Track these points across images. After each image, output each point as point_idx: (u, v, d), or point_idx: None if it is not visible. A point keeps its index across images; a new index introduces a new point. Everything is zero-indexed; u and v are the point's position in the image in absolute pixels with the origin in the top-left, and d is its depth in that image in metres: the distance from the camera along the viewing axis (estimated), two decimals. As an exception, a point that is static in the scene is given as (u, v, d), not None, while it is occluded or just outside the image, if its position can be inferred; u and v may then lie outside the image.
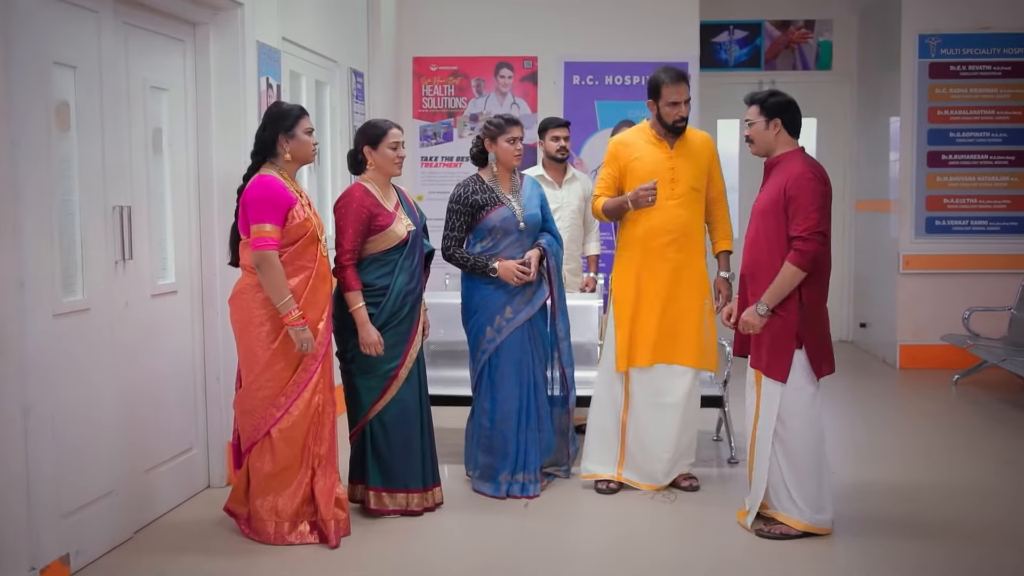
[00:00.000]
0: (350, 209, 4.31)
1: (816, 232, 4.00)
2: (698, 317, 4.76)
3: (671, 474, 4.84)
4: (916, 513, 4.59)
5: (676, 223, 4.75)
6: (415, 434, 4.48)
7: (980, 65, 8.00)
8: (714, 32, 9.17)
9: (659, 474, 4.82)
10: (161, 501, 4.45)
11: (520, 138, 4.81)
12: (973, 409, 6.79)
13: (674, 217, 4.75)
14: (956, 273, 8.02)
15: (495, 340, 4.76)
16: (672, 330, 4.75)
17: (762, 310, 4.09)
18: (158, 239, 4.48)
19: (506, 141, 4.78)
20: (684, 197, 4.77)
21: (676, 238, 4.75)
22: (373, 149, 4.41)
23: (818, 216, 4.01)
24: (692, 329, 4.75)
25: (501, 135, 4.78)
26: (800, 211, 4.02)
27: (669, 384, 4.77)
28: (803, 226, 4.01)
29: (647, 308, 4.76)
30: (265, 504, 4.08)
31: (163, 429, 4.47)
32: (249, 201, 3.95)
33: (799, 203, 4.02)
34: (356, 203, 4.32)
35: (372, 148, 4.41)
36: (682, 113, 4.78)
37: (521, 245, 4.80)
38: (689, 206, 4.79)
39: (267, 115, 4.11)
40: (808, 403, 4.13)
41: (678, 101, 4.74)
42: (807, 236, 4.00)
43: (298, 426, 4.04)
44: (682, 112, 4.77)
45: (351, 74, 6.69)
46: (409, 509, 4.46)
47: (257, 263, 3.91)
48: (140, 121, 4.31)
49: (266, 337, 3.98)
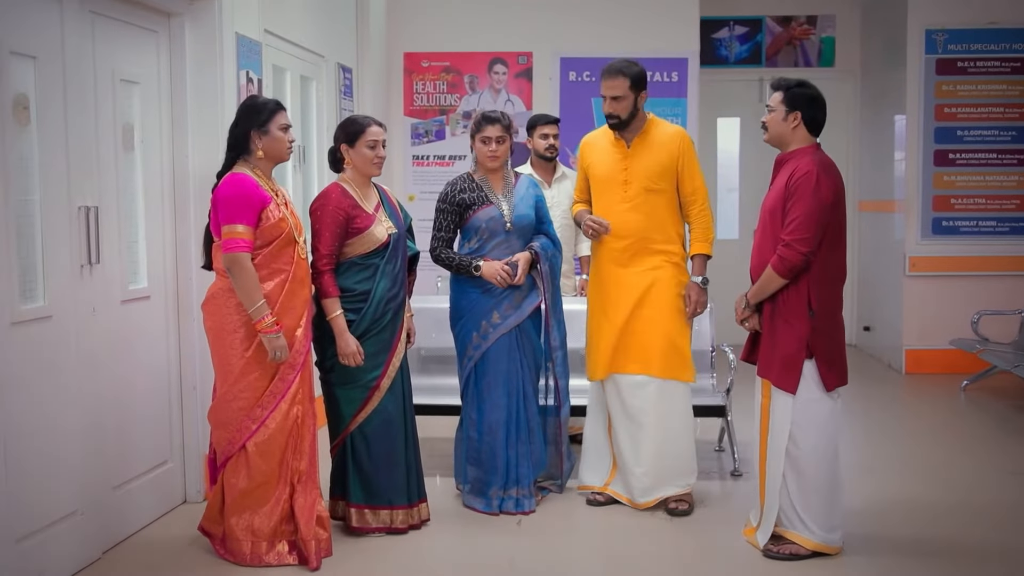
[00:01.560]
0: (326, 211, 4.08)
1: (800, 239, 3.77)
2: (664, 325, 4.45)
3: (650, 493, 4.51)
4: (930, 530, 4.36)
5: (629, 228, 4.48)
6: (399, 447, 4.24)
7: (988, 61, 7.78)
8: (714, 28, 8.96)
9: (635, 491, 4.54)
10: (133, 519, 4.21)
11: (495, 138, 4.52)
12: (984, 417, 6.55)
13: (627, 222, 4.48)
14: (964, 275, 7.80)
15: (481, 347, 4.53)
16: (635, 339, 4.46)
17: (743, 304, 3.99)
18: (129, 241, 4.24)
19: (480, 141, 4.54)
20: (637, 200, 4.47)
21: (631, 243, 4.48)
22: (350, 147, 4.18)
23: (808, 223, 3.77)
24: (656, 338, 4.44)
25: (477, 133, 4.55)
26: (793, 212, 3.80)
27: (632, 395, 4.49)
28: (790, 230, 3.80)
29: (611, 317, 4.52)
30: (241, 522, 3.83)
31: (135, 442, 4.23)
32: (220, 200, 3.71)
33: (795, 203, 3.80)
34: (332, 204, 4.09)
35: (349, 146, 4.18)
36: (609, 109, 4.44)
37: (509, 247, 4.55)
38: (643, 209, 4.47)
39: (241, 109, 3.88)
40: (825, 417, 3.89)
41: (606, 96, 4.45)
42: (791, 243, 3.78)
43: (275, 439, 3.80)
44: (610, 108, 4.44)
45: (339, 69, 6.46)
46: (394, 527, 4.22)
47: (228, 266, 3.68)
48: (109, 116, 4.07)
49: (240, 344, 3.75)
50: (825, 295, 3.85)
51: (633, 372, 4.48)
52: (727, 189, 9.26)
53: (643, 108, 4.52)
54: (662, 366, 4.45)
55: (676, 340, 4.46)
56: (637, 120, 4.51)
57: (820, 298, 3.84)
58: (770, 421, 3.94)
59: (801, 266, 3.79)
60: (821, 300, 3.84)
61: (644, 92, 4.47)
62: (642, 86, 4.46)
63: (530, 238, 4.61)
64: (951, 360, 7.63)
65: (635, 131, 4.52)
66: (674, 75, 7.56)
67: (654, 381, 4.46)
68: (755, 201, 9.01)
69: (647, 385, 4.47)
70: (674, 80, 7.57)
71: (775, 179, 4.00)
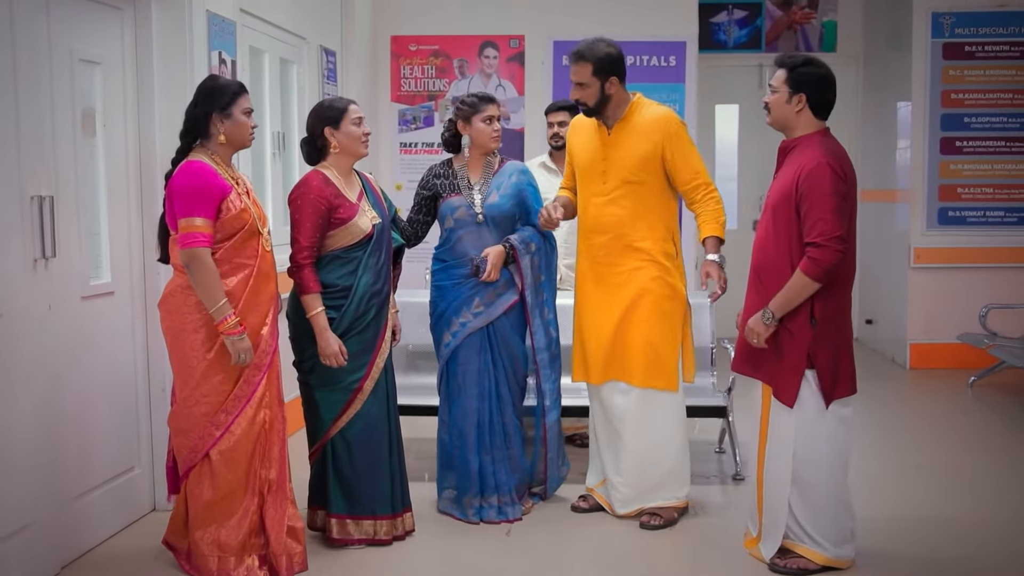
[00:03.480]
0: (307, 200, 3.80)
1: (833, 238, 3.44)
2: (645, 332, 4.11)
3: (630, 504, 4.22)
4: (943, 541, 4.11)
5: (608, 222, 4.15)
6: (383, 453, 3.97)
7: (997, 45, 7.50)
8: (712, 11, 8.68)
9: (615, 500, 4.26)
10: (95, 531, 3.94)
11: (497, 117, 4.29)
12: (994, 416, 6.29)
13: (605, 216, 4.15)
14: (971, 267, 7.55)
15: (451, 344, 4.26)
16: (614, 347, 4.16)
17: (767, 319, 3.56)
18: (90, 233, 3.96)
19: (482, 121, 4.26)
20: (615, 193, 4.13)
21: (611, 239, 4.15)
22: (335, 129, 3.90)
23: (835, 218, 3.44)
24: (637, 345, 4.12)
25: (476, 114, 4.26)
26: (814, 211, 3.45)
27: (611, 402, 4.20)
28: (818, 230, 3.45)
29: (589, 320, 4.23)
30: (206, 536, 3.55)
31: (96, 448, 3.95)
32: (175, 191, 3.43)
33: (813, 201, 3.45)
34: (314, 193, 3.81)
35: (334, 128, 3.90)
36: (574, 96, 4.12)
37: (482, 239, 4.27)
38: (622, 203, 4.12)
39: (200, 90, 3.57)
40: (831, 429, 3.60)
41: (572, 81, 4.13)
42: (824, 243, 3.44)
43: (241, 446, 3.52)
44: (574, 94, 4.12)
45: (322, 52, 6.17)
46: (377, 538, 3.96)
47: (186, 263, 3.40)
48: (66, 99, 3.78)
49: (201, 345, 3.46)
50: (830, 301, 3.55)
51: (613, 379, 4.19)
52: (726, 179, 8.99)
53: (619, 92, 4.12)
54: (643, 375, 4.13)
55: (659, 348, 4.13)
56: (613, 106, 4.13)
57: (824, 304, 3.53)
58: (769, 430, 3.67)
59: (839, 265, 3.48)
60: (825, 306, 3.54)
61: (614, 77, 4.08)
62: (611, 71, 4.06)
63: (510, 230, 4.32)
64: (958, 355, 7.38)
65: (615, 116, 4.16)
66: (672, 59, 7.28)
67: (634, 390, 4.16)
68: (755, 191, 8.88)
69: (628, 393, 4.17)
70: (671, 65, 7.29)
71: (780, 169, 3.70)
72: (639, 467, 4.20)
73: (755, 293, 3.69)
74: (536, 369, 4.35)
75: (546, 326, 4.35)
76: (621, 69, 4.12)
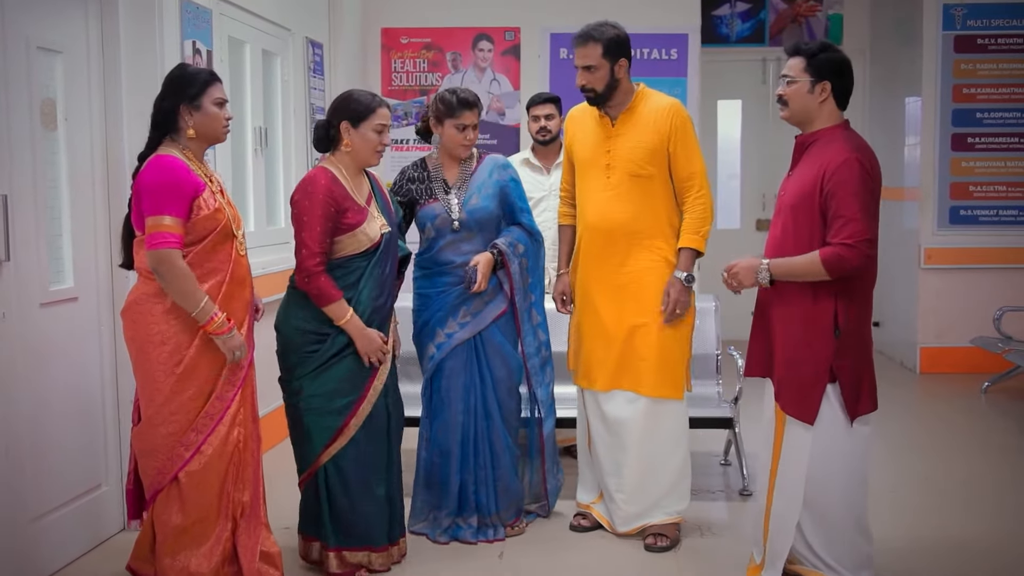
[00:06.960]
0: (316, 201, 3.46)
1: (863, 240, 3.16)
2: (660, 335, 3.86)
3: (632, 522, 3.97)
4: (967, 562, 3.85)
5: (613, 219, 3.90)
6: (379, 481, 3.66)
7: (1011, 38, 7.22)
8: (714, 4, 8.40)
9: (616, 518, 4.01)
10: (56, 554, 3.66)
11: (472, 126, 3.96)
12: (1012, 423, 6.02)
13: (610, 212, 3.90)
14: (984, 268, 7.28)
15: (435, 358, 3.98)
16: (624, 351, 3.90)
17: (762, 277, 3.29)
18: (51, 235, 3.68)
19: (454, 127, 3.95)
20: (621, 188, 3.88)
21: (615, 238, 3.90)
22: (353, 127, 3.57)
23: (865, 218, 3.17)
24: (652, 350, 3.86)
25: (450, 118, 3.94)
26: (843, 210, 3.17)
27: (615, 411, 3.94)
28: (848, 231, 3.16)
29: (596, 322, 3.97)
30: (176, 564, 3.25)
31: (57, 466, 3.67)
32: (143, 188, 3.13)
33: (841, 199, 3.17)
34: (323, 193, 3.47)
35: (352, 126, 3.57)
36: (582, 81, 3.88)
37: (463, 246, 3.98)
38: (629, 198, 3.88)
39: (168, 80, 3.28)
40: (851, 448, 3.32)
41: (578, 66, 3.88)
42: (853, 244, 3.17)
43: (213, 468, 3.23)
44: (582, 80, 3.87)
45: (308, 44, 5.89)
46: (371, 568, 3.68)
47: (154, 267, 3.10)
48: (23, 90, 3.50)
49: (168, 359, 3.16)
50: (853, 308, 3.27)
51: (619, 387, 3.93)
52: (728, 176, 8.77)
53: (626, 78, 3.91)
54: (652, 383, 3.87)
55: (670, 355, 3.89)
56: (620, 93, 3.91)
57: (848, 312, 3.26)
58: (783, 447, 3.39)
59: (860, 271, 3.22)
60: (849, 314, 3.26)
61: (623, 59, 3.86)
62: (620, 52, 3.85)
63: (494, 232, 4.03)
64: (970, 359, 7.12)
65: (620, 106, 3.92)
66: (673, 52, 7.00)
67: (641, 399, 3.90)
68: (757, 189, 8.63)
69: (635, 402, 3.91)
70: (673, 58, 7.00)
71: (797, 166, 3.42)
72: (642, 482, 3.94)
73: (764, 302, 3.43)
74: (527, 376, 4.08)
75: (535, 330, 4.09)
76: (629, 52, 3.90)
